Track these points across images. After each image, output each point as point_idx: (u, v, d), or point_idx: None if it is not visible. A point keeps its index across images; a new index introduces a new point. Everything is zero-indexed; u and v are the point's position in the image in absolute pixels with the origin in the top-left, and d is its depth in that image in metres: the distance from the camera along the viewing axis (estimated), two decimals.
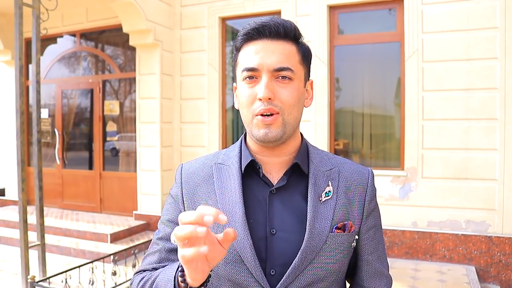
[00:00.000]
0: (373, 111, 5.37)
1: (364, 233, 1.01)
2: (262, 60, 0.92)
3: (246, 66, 0.93)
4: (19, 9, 4.11)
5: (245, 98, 0.94)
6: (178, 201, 1.02)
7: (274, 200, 0.95)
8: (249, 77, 0.93)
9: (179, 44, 6.12)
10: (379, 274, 1.03)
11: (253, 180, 0.98)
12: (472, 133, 4.66)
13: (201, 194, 1.00)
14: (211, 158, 1.06)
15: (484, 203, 4.61)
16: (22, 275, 4.21)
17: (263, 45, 0.93)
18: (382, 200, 5.02)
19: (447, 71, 4.76)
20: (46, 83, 7.08)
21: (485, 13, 4.58)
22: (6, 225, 6.22)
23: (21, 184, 4.20)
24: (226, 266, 0.92)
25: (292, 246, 0.92)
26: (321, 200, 0.95)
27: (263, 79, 0.92)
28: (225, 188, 0.98)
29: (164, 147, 6.02)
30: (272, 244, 0.92)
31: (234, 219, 0.93)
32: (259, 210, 0.95)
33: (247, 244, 0.90)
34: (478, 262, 4.61)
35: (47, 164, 7.07)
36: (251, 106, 0.93)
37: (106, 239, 5.42)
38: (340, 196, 0.98)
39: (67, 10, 6.62)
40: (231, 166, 1.00)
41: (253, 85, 0.93)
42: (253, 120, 0.93)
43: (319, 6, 5.30)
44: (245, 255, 0.90)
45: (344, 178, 1.01)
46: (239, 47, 0.98)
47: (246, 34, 0.95)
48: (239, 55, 0.97)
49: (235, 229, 0.86)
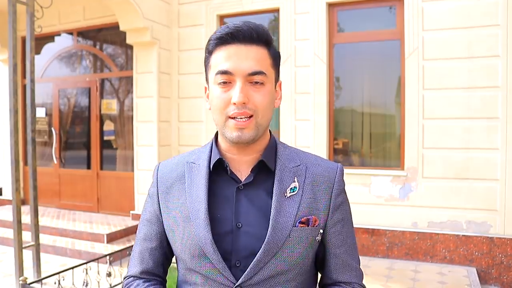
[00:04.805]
0: (373, 110, 5.30)
1: (331, 227, 1.03)
2: (236, 65, 0.94)
3: (220, 69, 0.95)
4: (12, 7, 4.05)
5: (218, 101, 0.97)
6: (154, 200, 1.08)
7: (241, 196, 1.00)
8: (223, 82, 0.96)
9: (176, 42, 6.06)
10: (348, 267, 1.06)
11: (222, 177, 1.03)
12: (474, 132, 4.59)
13: (174, 193, 1.04)
14: (185, 157, 1.10)
15: (486, 203, 4.54)
16: (16, 276, 4.15)
17: (236, 49, 0.95)
18: (382, 200, 4.95)
19: (448, 69, 4.68)
20: (43, 82, 7.02)
21: (486, 10, 4.50)
22: (2, 225, 6.18)
23: (15, 183, 4.15)
24: (192, 260, 0.98)
25: (256, 239, 0.96)
26: (285, 195, 0.99)
27: (238, 83, 0.94)
28: (193, 186, 1.02)
29: (162, 146, 5.96)
30: (238, 237, 0.97)
31: (198, 215, 0.98)
32: (227, 205, 1.00)
33: (208, 239, 0.95)
34: (479, 263, 4.54)
35: (44, 163, 7.01)
36: (225, 109, 0.96)
37: (103, 239, 5.36)
38: (306, 192, 1.01)
39: (64, 8, 6.56)
40: (200, 164, 1.05)
41: (227, 89, 0.96)
42: (226, 123, 0.97)
43: (318, 4, 5.23)
44: (207, 250, 0.95)
45: (311, 174, 1.04)
46: (211, 50, 0.99)
47: (220, 38, 0.96)
48: (212, 58, 0.99)
49: (198, 225, 0.96)
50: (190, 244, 0.97)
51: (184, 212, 1.00)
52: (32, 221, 4.36)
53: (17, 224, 4.13)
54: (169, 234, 1.04)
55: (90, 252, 5.05)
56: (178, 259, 1.05)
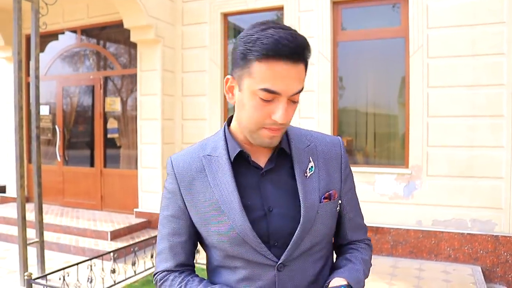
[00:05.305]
0: (377, 108, 5.29)
1: (344, 196, 1.15)
2: (284, 87, 0.95)
3: (268, 88, 0.94)
4: (17, 3, 4.06)
5: (257, 112, 0.98)
6: (176, 196, 1.10)
7: (265, 182, 1.07)
8: (266, 100, 0.96)
9: (180, 40, 6.06)
10: (359, 227, 1.22)
11: (243, 167, 1.07)
12: (478, 130, 4.57)
13: (197, 188, 1.07)
14: (198, 150, 1.12)
15: (490, 201, 4.52)
16: (20, 273, 4.16)
17: (285, 68, 0.93)
18: (386, 199, 4.94)
19: (452, 67, 4.67)
20: (47, 80, 7.03)
21: (491, 8, 4.48)
22: (6, 222, 6.19)
23: (20, 180, 4.16)
24: (232, 248, 1.03)
25: (290, 219, 1.04)
26: (306, 175, 1.07)
27: (282, 104, 0.96)
28: (218, 179, 1.06)
29: (166, 144, 5.96)
30: (272, 220, 1.04)
31: (232, 206, 1.03)
32: (253, 193, 1.06)
33: (248, 227, 1.01)
34: (484, 262, 4.52)
35: (48, 161, 7.03)
36: (262, 121, 0.98)
37: (106, 237, 5.37)
38: (322, 169, 1.10)
39: (68, 6, 6.57)
40: (219, 157, 1.08)
41: (268, 104, 0.97)
42: (259, 131, 1.00)
43: (322, 2, 5.22)
44: (247, 237, 1.01)
45: (321, 152, 1.13)
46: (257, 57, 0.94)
47: (271, 50, 0.92)
48: (255, 66, 0.95)
49: (235, 217, 1.01)
50: (229, 234, 1.03)
51: (214, 206, 1.05)
52: (37, 217, 4.37)
53: (22, 220, 4.13)
54: (202, 228, 1.08)
55: (94, 249, 5.05)
56: (213, 249, 1.09)
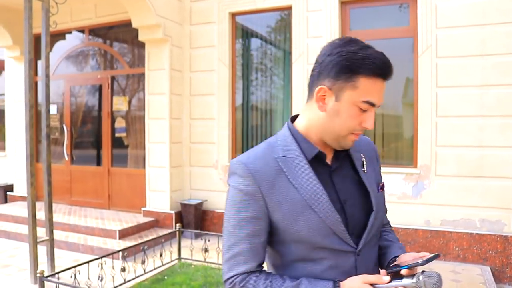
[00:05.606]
0: (386, 108, 5.28)
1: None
2: (380, 100, 1.13)
3: (371, 100, 1.10)
4: (28, 2, 4.08)
5: (353, 121, 1.13)
6: (256, 197, 1.13)
7: (335, 177, 1.19)
8: (364, 110, 1.12)
9: (188, 39, 6.07)
10: (386, 211, 1.38)
11: (316, 165, 1.17)
12: (487, 130, 4.56)
13: (279, 188, 1.13)
14: (269, 152, 1.17)
15: (500, 201, 4.51)
16: (31, 270, 4.18)
17: (382, 86, 1.13)
18: (394, 198, 4.93)
19: (461, 67, 4.66)
20: (55, 79, 7.05)
21: (501, 7, 4.47)
22: (15, 221, 6.22)
23: (30, 178, 4.18)
24: (324, 239, 1.12)
25: (361, 209, 1.19)
26: (364, 170, 1.24)
27: (373, 113, 1.14)
28: (300, 178, 1.13)
29: (173, 143, 5.97)
30: (348, 211, 1.17)
31: (320, 201, 1.12)
32: (328, 187, 1.15)
33: (338, 220, 1.12)
34: (493, 262, 4.51)
35: (56, 160, 7.05)
36: (354, 127, 1.13)
37: (115, 236, 5.39)
38: (369, 164, 1.27)
39: (76, 6, 6.60)
40: (295, 158, 1.15)
41: (362, 114, 1.13)
42: (348, 136, 1.15)
43: (331, 1, 5.22)
44: (337, 228, 1.12)
45: (365, 150, 1.29)
46: (367, 74, 1.09)
47: (380, 69, 1.10)
48: (361, 80, 1.09)
49: (326, 211, 1.10)
50: (320, 227, 1.11)
51: (300, 203, 1.11)
52: (47, 216, 4.39)
53: (32, 218, 4.16)
54: (288, 225, 1.12)
55: (102, 248, 5.07)
56: (296, 244, 1.14)
